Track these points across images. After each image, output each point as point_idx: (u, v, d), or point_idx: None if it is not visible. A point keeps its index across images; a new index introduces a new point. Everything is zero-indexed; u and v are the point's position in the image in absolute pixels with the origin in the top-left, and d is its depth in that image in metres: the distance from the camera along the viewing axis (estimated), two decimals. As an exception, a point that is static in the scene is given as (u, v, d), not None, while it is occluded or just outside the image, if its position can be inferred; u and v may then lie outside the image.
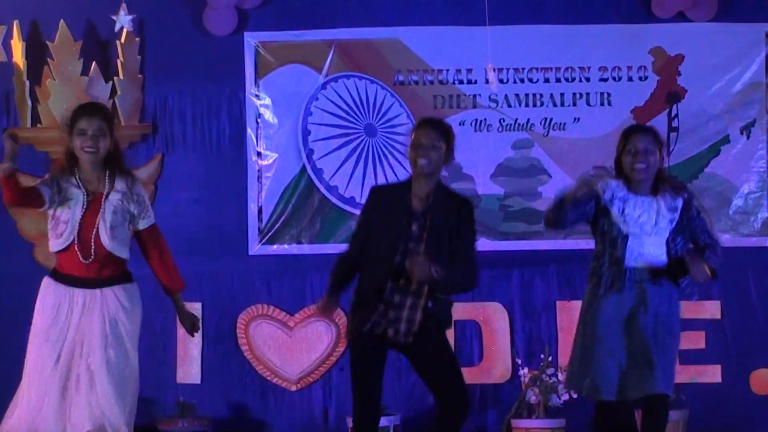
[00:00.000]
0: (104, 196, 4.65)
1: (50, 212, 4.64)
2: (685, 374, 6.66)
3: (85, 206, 4.62)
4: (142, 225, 4.71)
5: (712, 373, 6.78)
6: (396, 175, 7.13)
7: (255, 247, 7.11)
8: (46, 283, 4.71)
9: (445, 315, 4.85)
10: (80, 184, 4.66)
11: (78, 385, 4.63)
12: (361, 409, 4.87)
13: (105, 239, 4.56)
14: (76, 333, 4.65)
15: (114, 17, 6.84)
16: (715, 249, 4.79)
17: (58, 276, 4.66)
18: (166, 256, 4.86)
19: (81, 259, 4.61)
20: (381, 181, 7.30)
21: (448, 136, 4.76)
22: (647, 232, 4.70)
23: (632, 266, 4.71)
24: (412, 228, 4.71)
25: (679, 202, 4.71)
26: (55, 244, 4.63)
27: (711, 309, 6.95)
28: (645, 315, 4.71)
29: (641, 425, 4.84)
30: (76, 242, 4.59)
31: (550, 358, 6.71)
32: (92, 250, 4.59)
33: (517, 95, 7.09)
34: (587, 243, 5.41)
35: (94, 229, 4.60)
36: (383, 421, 6.41)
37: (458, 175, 6.69)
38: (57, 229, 4.61)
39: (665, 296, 4.75)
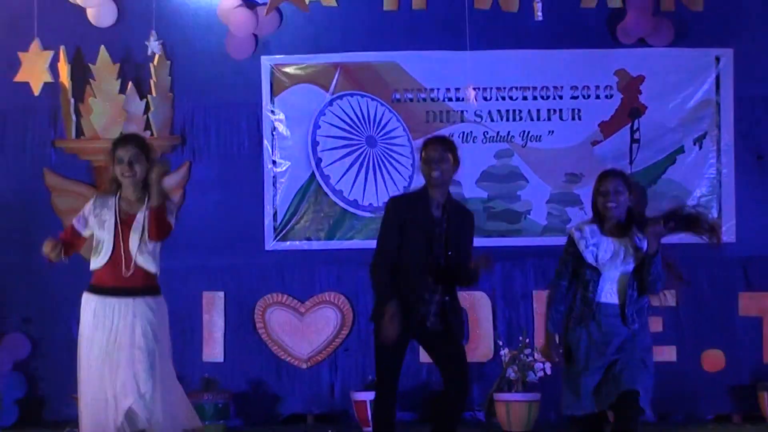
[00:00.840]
0: (135, 217, 4.73)
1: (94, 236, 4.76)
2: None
3: (117, 227, 4.70)
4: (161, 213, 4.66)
5: (669, 353, 6.90)
6: (393, 180, 7.34)
7: (270, 243, 7.36)
8: (86, 297, 4.79)
9: (459, 318, 4.88)
10: (117, 205, 4.75)
11: (120, 383, 4.65)
12: (387, 387, 4.90)
13: (135, 255, 4.69)
14: (116, 335, 4.71)
15: (147, 43, 7.11)
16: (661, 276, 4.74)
17: (95, 289, 4.75)
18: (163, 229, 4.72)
19: (114, 272, 4.71)
20: (380, 185, 7.43)
21: (453, 149, 4.89)
22: (617, 269, 4.73)
23: (602, 302, 4.71)
24: (436, 231, 4.85)
25: (644, 243, 4.73)
26: (94, 263, 4.73)
27: (667, 297, 7.07)
28: (612, 344, 4.68)
29: (614, 422, 4.80)
30: (111, 259, 4.67)
31: (527, 340, 6.88)
32: (123, 264, 4.69)
33: (499, 111, 7.33)
34: (560, 239, 5.54)
35: (127, 246, 4.70)
36: (362, 396, 6.86)
37: (448, 180, 6.82)
38: (97, 249, 4.73)
39: (630, 330, 4.74)
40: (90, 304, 4.74)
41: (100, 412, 4.73)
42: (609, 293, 4.72)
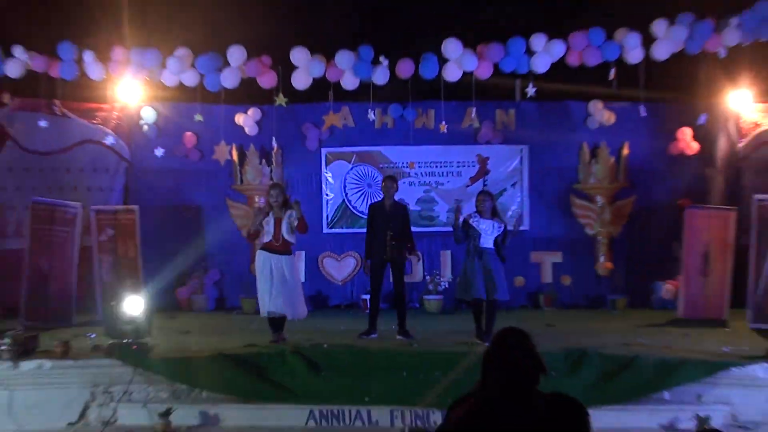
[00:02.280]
0: (283, 219, 5.07)
1: (264, 227, 5.07)
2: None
3: (275, 223, 5.07)
4: (295, 224, 5.06)
5: (500, 279, 7.07)
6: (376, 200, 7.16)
7: (325, 230, 7.80)
8: (259, 252, 5.07)
9: (401, 253, 5.25)
10: (272, 215, 5.10)
11: (276, 294, 4.95)
12: (376, 291, 5.34)
13: (286, 234, 5.06)
14: (270, 271, 4.99)
15: (272, 143, 7.57)
16: (506, 237, 5.09)
17: (265, 248, 5.04)
18: (304, 228, 5.06)
19: (275, 242, 5.04)
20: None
21: (396, 181, 5.43)
22: (488, 233, 5.08)
23: (481, 246, 5.06)
24: (387, 217, 5.22)
25: (502, 226, 5.12)
26: (265, 238, 5.05)
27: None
28: (486, 265, 5.04)
29: (486, 310, 5.11)
30: (273, 236, 5.04)
31: (437, 272, 7.49)
32: (274, 238, 5.04)
33: (425, 172, 7.80)
34: (451, 228, 5.92)
35: (281, 230, 5.06)
36: (365, 296, 6.94)
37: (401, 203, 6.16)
38: (267, 230, 5.07)
39: (494, 258, 5.11)
40: (262, 256, 5.08)
41: (265, 302, 5.03)
42: (486, 243, 5.06)
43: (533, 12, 7.22)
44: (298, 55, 6.79)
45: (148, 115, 7.53)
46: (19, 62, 6.63)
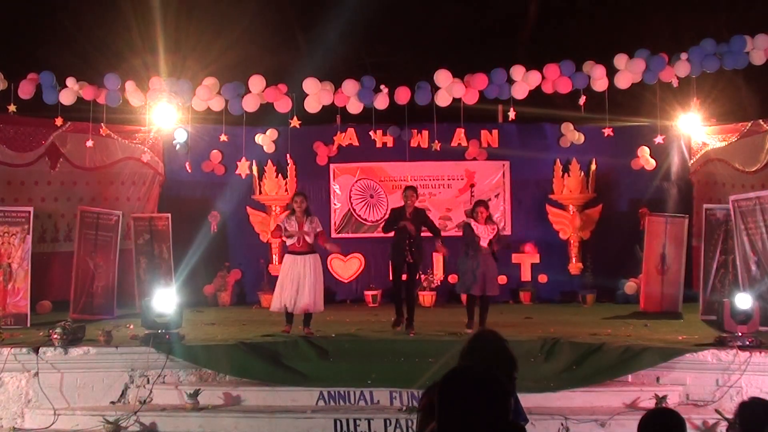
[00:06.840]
0: (305, 224, 5.02)
1: (285, 231, 4.95)
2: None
3: (297, 228, 5.01)
4: (317, 230, 5.03)
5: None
6: (378, 212, 7.56)
7: (334, 234, 7.69)
8: (286, 256, 5.03)
9: (419, 256, 5.18)
10: (295, 219, 5.03)
11: (301, 292, 4.88)
12: (399, 288, 5.18)
13: (307, 238, 5.01)
14: (298, 271, 4.95)
15: (287, 159, 7.57)
16: (500, 241, 5.23)
17: (290, 251, 4.99)
18: (323, 238, 5.10)
19: (298, 245, 5.00)
20: (373, 213, 7.69)
21: (416, 191, 5.31)
22: (484, 236, 5.14)
23: (481, 246, 5.08)
24: (409, 222, 5.12)
25: (495, 228, 5.21)
26: (289, 242, 4.99)
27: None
28: (482, 265, 5.05)
29: (479, 304, 5.14)
30: (297, 240, 4.99)
31: (431, 271, 7.38)
32: (302, 242, 4.98)
33: (420, 184, 7.58)
34: (445, 232, 6.29)
35: (303, 234, 5.00)
36: (367, 292, 7.31)
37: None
38: (291, 236, 4.97)
39: (489, 258, 5.15)
40: (288, 259, 5.06)
41: (285, 300, 4.95)
42: (482, 243, 5.12)
43: (513, 46, 7.43)
44: (310, 84, 6.83)
45: (180, 135, 7.51)
46: (71, 91, 6.79)
